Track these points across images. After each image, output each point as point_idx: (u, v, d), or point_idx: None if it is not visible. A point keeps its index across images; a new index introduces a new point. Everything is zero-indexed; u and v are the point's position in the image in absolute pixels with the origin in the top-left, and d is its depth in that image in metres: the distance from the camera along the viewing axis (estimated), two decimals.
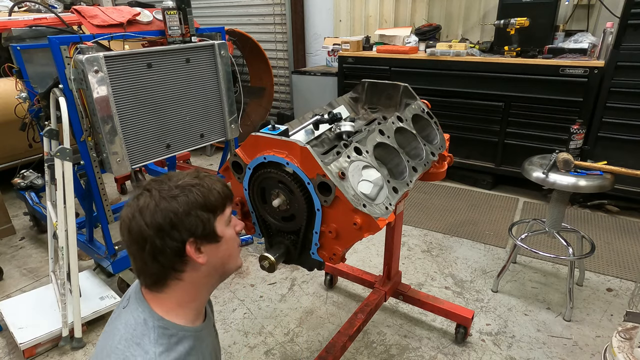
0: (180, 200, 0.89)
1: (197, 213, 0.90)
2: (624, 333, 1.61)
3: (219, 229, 0.95)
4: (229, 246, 0.98)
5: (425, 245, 2.89)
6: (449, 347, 2.03)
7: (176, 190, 0.90)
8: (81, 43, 2.04)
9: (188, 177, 0.94)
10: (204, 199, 0.92)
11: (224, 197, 0.97)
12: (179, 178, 0.94)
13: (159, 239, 0.86)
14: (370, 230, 1.17)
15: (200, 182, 0.94)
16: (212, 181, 0.96)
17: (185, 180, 0.93)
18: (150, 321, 0.90)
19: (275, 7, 4.80)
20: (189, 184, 0.92)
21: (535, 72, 3.07)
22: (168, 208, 0.87)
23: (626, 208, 3.19)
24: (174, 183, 0.92)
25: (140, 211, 0.88)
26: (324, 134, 1.58)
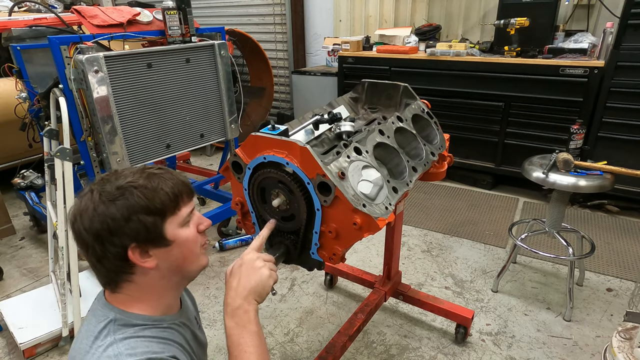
0: (119, 205, 0.81)
1: (139, 217, 0.82)
2: (624, 333, 1.61)
3: (170, 232, 0.87)
4: (183, 249, 0.90)
5: (425, 245, 2.89)
6: (449, 347, 2.03)
7: (116, 192, 0.82)
8: (81, 43, 2.04)
9: (134, 176, 0.85)
10: (148, 201, 0.83)
11: (175, 198, 0.88)
12: (124, 176, 0.85)
13: (99, 244, 0.81)
14: (370, 230, 1.17)
15: (146, 182, 0.85)
16: (162, 180, 0.87)
17: (129, 180, 0.84)
18: (111, 314, 0.86)
19: (275, 7, 4.80)
20: (131, 185, 0.83)
21: (535, 72, 3.07)
22: (105, 213, 0.80)
23: (626, 208, 3.19)
24: (116, 183, 0.84)
25: (80, 215, 0.82)
26: (324, 134, 1.58)
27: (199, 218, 0.95)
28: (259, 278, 0.97)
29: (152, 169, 0.89)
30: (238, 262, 1.00)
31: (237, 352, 0.88)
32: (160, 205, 0.85)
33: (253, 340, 0.90)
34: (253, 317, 0.93)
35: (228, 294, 0.96)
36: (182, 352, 0.89)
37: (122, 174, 0.86)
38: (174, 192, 0.88)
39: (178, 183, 0.89)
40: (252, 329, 0.91)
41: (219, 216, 2.83)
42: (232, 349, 0.89)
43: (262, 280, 0.98)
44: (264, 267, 0.99)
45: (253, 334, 0.91)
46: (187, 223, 0.91)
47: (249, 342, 0.89)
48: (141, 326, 0.86)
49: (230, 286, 0.96)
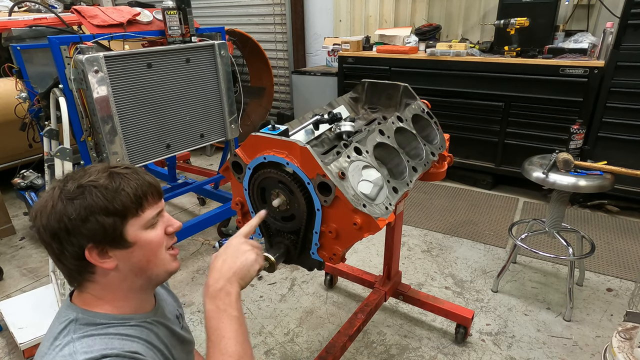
0: (77, 204, 0.79)
1: (96, 218, 0.79)
2: (624, 333, 1.61)
3: (131, 234, 0.83)
4: (146, 251, 0.86)
5: (425, 245, 2.89)
6: (449, 347, 2.03)
7: (76, 191, 0.80)
8: (81, 43, 2.04)
9: (97, 175, 0.83)
10: (107, 202, 0.80)
11: (137, 199, 0.84)
12: (88, 175, 0.83)
13: (56, 243, 0.80)
14: (370, 230, 1.17)
15: (107, 182, 0.82)
16: (125, 180, 0.84)
17: (91, 178, 0.82)
18: (73, 314, 0.84)
19: (275, 7, 4.80)
20: (91, 184, 0.81)
21: (535, 72, 3.07)
22: (62, 212, 0.78)
23: (626, 208, 3.19)
24: (78, 181, 0.81)
25: (40, 212, 0.80)
26: (324, 134, 1.58)
27: (168, 220, 0.92)
28: (244, 260, 0.93)
29: (118, 168, 0.86)
30: (224, 246, 0.96)
31: (215, 337, 0.83)
32: (120, 207, 0.81)
33: (232, 325, 0.85)
34: (235, 300, 0.87)
35: (211, 274, 0.90)
36: (150, 350, 0.86)
37: (87, 172, 0.83)
38: (137, 194, 0.84)
39: (143, 184, 0.86)
40: (233, 313, 0.86)
41: (219, 216, 2.83)
42: (210, 334, 0.84)
43: (247, 263, 0.93)
44: (250, 251, 0.95)
45: (233, 319, 0.85)
46: (152, 225, 0.87)
47: (227, 327, 0.84)
48: (104, 325, 0.84)
49: (214, 267, 0.91)
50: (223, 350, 0.81)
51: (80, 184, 0.81)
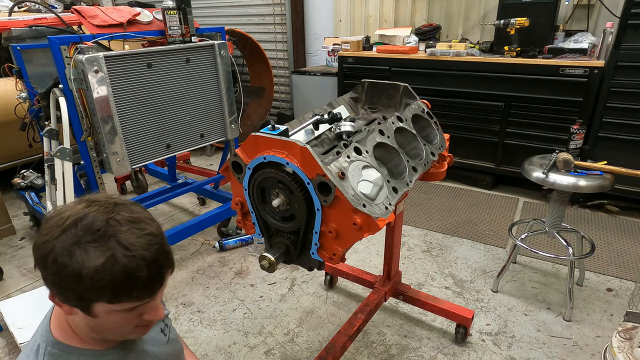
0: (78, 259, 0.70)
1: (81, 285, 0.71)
2: (624, 333, 1.61)
3: (99, 310, 0.75)
4: (107, 325, 0.79)
5: (425, 245, 2.89)
6: (449, 347, 2.03)
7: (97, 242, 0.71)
8: (81, 43, 2.04)
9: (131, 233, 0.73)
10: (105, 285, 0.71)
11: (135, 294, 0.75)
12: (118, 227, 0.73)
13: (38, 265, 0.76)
14: (370, 230, 1.17)
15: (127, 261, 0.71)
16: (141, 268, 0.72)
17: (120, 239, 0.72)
18: (43, 346, 0.82)
19: (275, 7, 4.80)
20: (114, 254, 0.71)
21: (535, 72, 3.07)
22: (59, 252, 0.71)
23: (626, 208, 3.19)
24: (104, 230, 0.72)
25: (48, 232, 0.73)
26: (324, 134, 1.58)
27: (153, 308, 0.81)
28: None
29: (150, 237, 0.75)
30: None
31: None
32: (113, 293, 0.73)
33: None
34: None
35: None
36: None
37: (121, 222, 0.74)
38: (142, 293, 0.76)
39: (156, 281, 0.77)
40: None
41: (219, 216, 2.83)
42: None
43: None
44: None
45: None
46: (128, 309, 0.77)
47: None
48: None
49: None
50: None
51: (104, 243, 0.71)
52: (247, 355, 2.03)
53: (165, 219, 3.37)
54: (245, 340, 2.12)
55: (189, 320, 2.25)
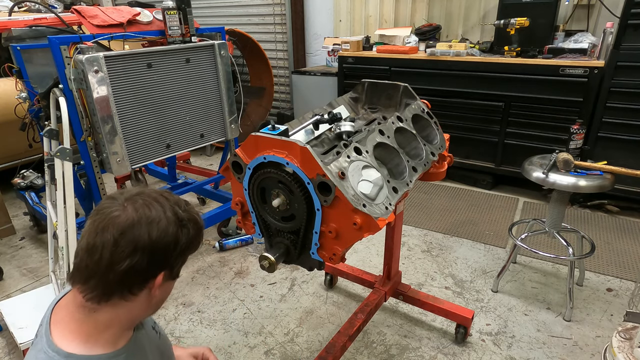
0: (186, 233, 0.85)
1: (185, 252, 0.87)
2: (624, 333, 1.61)
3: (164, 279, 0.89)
4: (162, 297, 0.92)
5: (425, 245, 2.89)
6: (449, 347, 2.03)
7: (188, 218, 0.86)
8: (81, 43, 2.04)
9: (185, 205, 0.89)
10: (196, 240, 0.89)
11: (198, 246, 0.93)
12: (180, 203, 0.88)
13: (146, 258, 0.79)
14: (370, 230, 1.17)
15: (198, 219, 0.90)
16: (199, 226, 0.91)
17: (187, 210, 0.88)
18: None
19: (275, 7, 4.80)
20: (192, 218, 0.88)
21: (535, 72, 3.07)
22: (176, 235, 0.83)
23: (626, 208, 3.19)
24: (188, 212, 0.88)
25: (149, 222, 0.80)
26: (324, 134, 1.58)
27: None
28: None
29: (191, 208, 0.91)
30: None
31: None
32: (196, 247, 0.90)
33: None
34: None
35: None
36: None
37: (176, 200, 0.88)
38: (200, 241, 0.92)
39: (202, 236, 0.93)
40: None
41: (219, 216, 2.83)
42: None
43: None
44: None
45: None
46: None
47: None
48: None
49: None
50: None
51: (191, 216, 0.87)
52: (247, 355, 2.03)
53: None
54: (245, 340, 2.12)
55: (189, 320, 2.25)
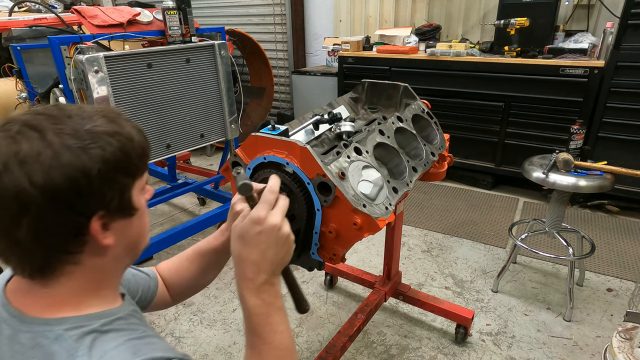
0: (95, 155, 0.58)
1: (116, 177, 0.61)
2: (624, 333, 1.61)
3: (135, 199, 0.66)
4: (142, 221, 0.70)
5: (425, 245, 2.89)
6: (449, 347, 2.03)
7: (87, 137, 0.58)
8: (81, 43, 2.05)
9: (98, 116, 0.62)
10: (125, 155, 0.62)
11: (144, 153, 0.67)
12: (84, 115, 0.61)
13: (53, 210, 0.56)
14: (370, 231, 1.16)
15: (119, 128, 0.62)
16: (131, 127, 0.65)
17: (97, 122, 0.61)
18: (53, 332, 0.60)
19: (275, 7, 4.80)
20: (104, 130, 0.60)
21: (535, 72, 3.07)
22: (75, 164, 0.56)
23: (626, 208, 3.19)
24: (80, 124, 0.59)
25: (20, 162, 0.54)
26: (324, 134, 1.58)
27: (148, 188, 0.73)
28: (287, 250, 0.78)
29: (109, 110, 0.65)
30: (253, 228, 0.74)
31: (267, 333, 0.74)
32: (136, 162, 0.64)
33: (282, 317, 0.77)
34: (279, 290, 0.78)
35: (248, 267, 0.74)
36: None
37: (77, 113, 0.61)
38: (143, 146, 0.66)
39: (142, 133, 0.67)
40: (280, 305, 0.77)
41: (219, 216, 2.83)
42: (259, 330, 0.74)
43: (290, 252, 0.79)
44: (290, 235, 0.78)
45: (281, 311, 0.77)
46: (143, 188, 0.69)
47: (278, 321, 0.75)
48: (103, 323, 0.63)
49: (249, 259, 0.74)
50: (279, 345, 0.74)
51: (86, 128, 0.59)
52: None
53: (165, 219, 3.37)
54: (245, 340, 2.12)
55: (189, 321, 2.25)
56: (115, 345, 0.59)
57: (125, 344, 0.60)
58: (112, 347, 0.59)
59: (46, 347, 0.58)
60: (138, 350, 0.60)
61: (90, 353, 0.57)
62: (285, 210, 0.78)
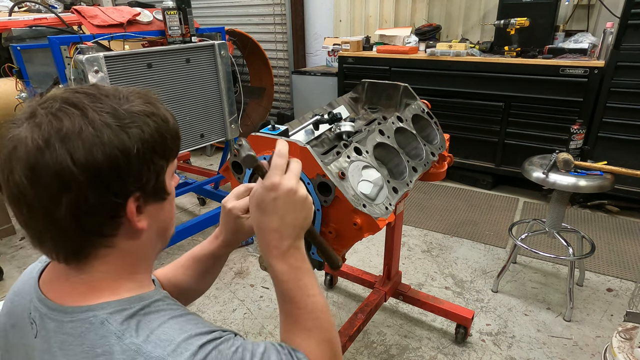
0: (134, 134, 0.57)
1: (153, 158, 0.60)
2: (624, 333, 1.61)
3: (168, 183, 0.66)
4: (172, 206, 0.70)
5: (425, 245, 2.89)
6: (449, 347, 2.03)
7: (125, 116, 0.58)
8: (81, 43, 2.05)
9: (134, 97, 0.62)
10: (161, 137, 0.61)
11: (178, 135, 0.67)
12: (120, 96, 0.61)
13: (93, 189, 0.55)
14: (370, 231, 1.17)
15: (155, 109, 0.62)
16: (164, 109, 0.66)
17: (134, 102, 0.61)
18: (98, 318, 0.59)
19: (275, 7, 4.80)
20: (141, 110, 0.60)
21: (535, 72, 3.07)
22: (115, 143, 0.55)
23: (626, 208, 3.19)
24: (118, 104, 0.59)
25: (63, 138, 0.53)
26: (324, 134, 1.58)
27: None
28: (306, 213, 0.74)
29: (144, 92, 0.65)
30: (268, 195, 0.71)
31: (299, 297, 0.72)
32: (170, 144, 0.64)
33: (312, 281, 0.74)
34: (304, 253, 0.76)
35: (270, 236, 0.72)
36: None
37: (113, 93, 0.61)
38: (177, 129, 0.66)
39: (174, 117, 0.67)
40: (308, 268, 0.74)
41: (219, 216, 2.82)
42: (292, 296, 0.72)
43: (309, 214, 0.75)
44: (308, 197, 0.74)
45: (310, 274, 0.74)
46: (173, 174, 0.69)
47: (309, 284, 0.73)
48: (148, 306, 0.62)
49: (270, 228, 0.72)
50: (314, 308, 0.72)
51: (125, 108, 0.59)
52: None
53: None
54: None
55: None
56: (160, 324, 0.59)
57: (169, 321, 0.60)
58: (157, 325, 0.59)
59: (94, 333, 0.58)
60: (183, 326, 0.60)
61: (138, 333, 0.58)
62: (299, 173, 0.75)
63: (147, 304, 0.62)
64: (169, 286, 0.95)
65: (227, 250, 0.96)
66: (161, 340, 0.57)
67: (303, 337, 0.71)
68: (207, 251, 0.96)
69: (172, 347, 0.56)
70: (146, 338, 0.57)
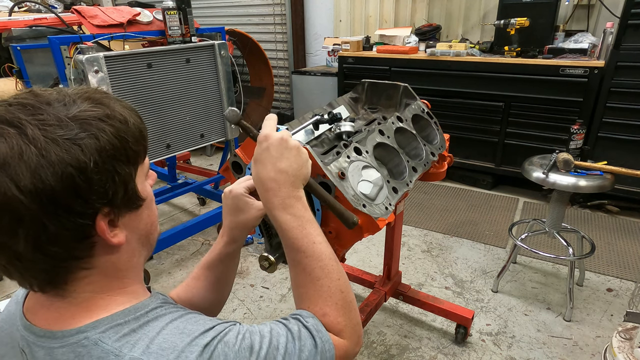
0: (88, 145, 0.50)
1: (115, 167, 0.53)
2: (624, 333, 1.61)
3: (140, 187, 0.60)
4: (150, 210, 0.64)
5: (425, 245, 2.89)
6: (449, 347, 2.03)
7: (74, 125, 0.50)
8: (81, 43, 2.05)
9: (82, 100, 0.54)
10: (122, 141, 0.54)
11: (143, 133, 0.59)
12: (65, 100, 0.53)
13: (49, 215, 0.49)
14: (370, 231, 1.17)
15: (109, 110, 0.54)
16: (121, 106, 0.57)
17: (83, 107, 0.52)
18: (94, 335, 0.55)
19: (275, 7, 4.80)
20: (93, 115, 0.52)
21: (535, 72, 3.07)
22: (66, 160, 0.48)
23: (626, 208, 3.19)
24: (64, 111, 0.51)
25: (2, 166, 0.47)
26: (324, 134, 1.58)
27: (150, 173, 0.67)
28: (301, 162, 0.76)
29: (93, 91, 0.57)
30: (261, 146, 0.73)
31: (305, 246, 0.71)
32: (134, 147, 0.56)
33: (316, 229, 0.73)
34: (305, 202, 0.74)
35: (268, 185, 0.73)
36: None
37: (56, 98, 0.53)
38: (140, 127, 0.58)
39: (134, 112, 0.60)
40: (310, 217, 0.74)
41: (219, 216, 2.82)
42: (298, 244, 0.71)
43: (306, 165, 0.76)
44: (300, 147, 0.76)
45: (314, 223, 0.74)
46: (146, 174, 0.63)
47: (313, 232, 0.72)
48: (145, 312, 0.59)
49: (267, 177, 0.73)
50: (320, 255, 0.72)
51: (71, 114, 0.51)
52: None
53: (165, 219, 3.37)
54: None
55: None
56: (159, 331, 0.56)
57: (168, 327, 0.57)
58: (155, 333, 0.56)
59: (88, 356, 0.54)
60: (184, 328, 0.57)
61: (137, 346, 0.54)
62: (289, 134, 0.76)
63: (143, 313, 0.58)
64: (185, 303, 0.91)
65: (233, 247, 0.93)
66: (163, 350, 0.54)
67: (315, 289, 0.70)
68: (214, 254, 0.93)
69: (175, 354, 0.53)
70: (146, 349, 0.54)
